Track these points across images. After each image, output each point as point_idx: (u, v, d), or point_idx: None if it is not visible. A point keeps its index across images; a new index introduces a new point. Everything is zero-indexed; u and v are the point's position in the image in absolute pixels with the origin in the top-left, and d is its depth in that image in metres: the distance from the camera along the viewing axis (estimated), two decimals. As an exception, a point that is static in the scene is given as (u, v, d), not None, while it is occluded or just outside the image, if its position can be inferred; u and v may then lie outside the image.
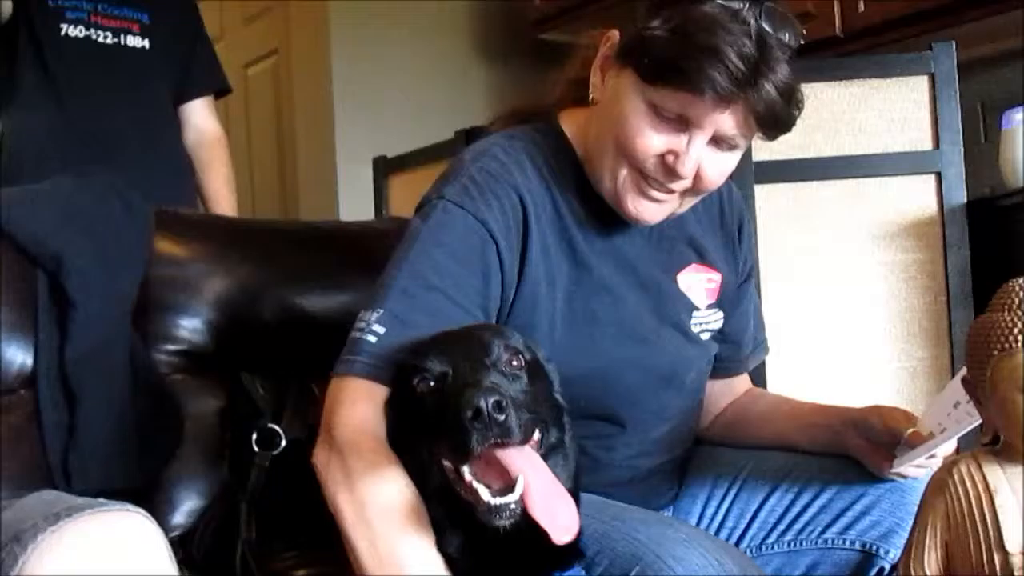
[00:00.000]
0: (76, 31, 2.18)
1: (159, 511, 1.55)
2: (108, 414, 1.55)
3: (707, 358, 1.47)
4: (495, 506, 1.02)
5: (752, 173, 2.19)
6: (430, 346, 1.15)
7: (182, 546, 1.48)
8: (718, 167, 1.28)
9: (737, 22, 1.18)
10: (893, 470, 1.31)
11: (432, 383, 1.10)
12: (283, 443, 1.46)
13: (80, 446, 1.53)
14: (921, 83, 2.24)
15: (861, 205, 2.24)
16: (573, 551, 1.16)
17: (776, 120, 1.22)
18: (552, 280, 1.32)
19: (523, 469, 1.02)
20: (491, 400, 0.99)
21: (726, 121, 1.21)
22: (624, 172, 1.29)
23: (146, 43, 2.27)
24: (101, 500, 0.94)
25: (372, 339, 1.21)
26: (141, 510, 0.94)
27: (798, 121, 1.28)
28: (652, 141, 1.24)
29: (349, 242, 1.89)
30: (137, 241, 1.70)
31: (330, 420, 1.20)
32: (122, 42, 2.25)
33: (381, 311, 1.22)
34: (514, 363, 1.12)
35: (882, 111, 2.26)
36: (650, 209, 1.31)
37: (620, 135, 1.26)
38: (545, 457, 1.10)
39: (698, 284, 1.44)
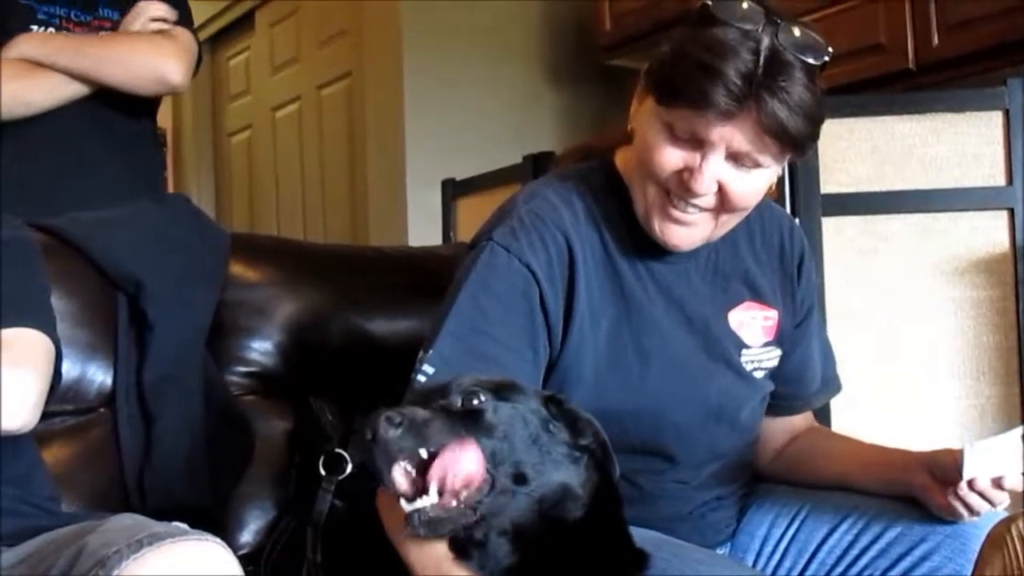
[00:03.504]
0: (49, 31, 2.08)
1: (228, 529, 1.60)
2: (183, 434, 1.60)
3: (761, 395, 1.47)
4: (408, 513, 1.07)
5: (820, 205, 2.18)
6: (413, 401, 1.20)
7: (250, 564, 1.52)
8: (744, 186, 1.28)
9: (746, 41, 1.21)
10: (965, 477, 1.27)
11: None
12: (349, 468, 1.50)
13: (155, 464, 1.58)
14: (995, 118, 2.21)
15: (931, 240, 2.21)
16: None
17: (786, 134, 1.22)
18: (597, 318, 1.34)
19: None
20: (383, 419, 1.06)
21: (735, 137, 1.23)
22: (651, 191, 1.31)
23: (116, 14, 2.15)
24: (182, 527, 0.98)
25: (422, 379, 1.27)
26: (218, 540, 0.98)
27: (869, 153, 1.28)
28: (668, 156, 1.27)
29: (415, 267, 1.93)
30: (213, 265, 1.75)
31: None
32: (98, 14, 2.14)
33: (431, 353, 1.29)
34: (474, 401, 1.14)
35: (954, 146, 2.22)
36: (678, 233, 1.33)
37: (643, 155, 1.30)
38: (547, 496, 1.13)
39: (752, 322, 1.44)
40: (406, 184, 3.51)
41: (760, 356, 1.44)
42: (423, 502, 1.06)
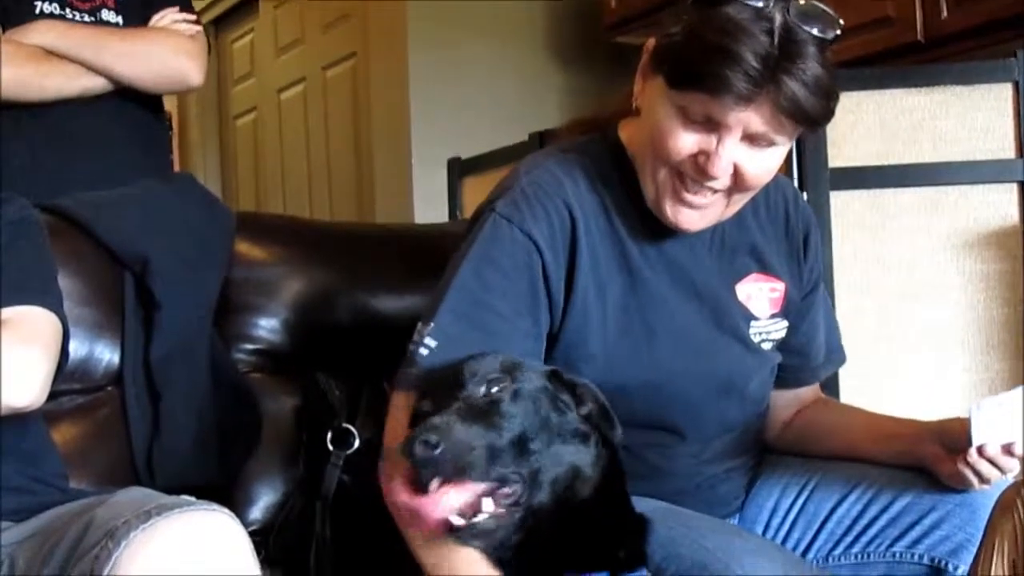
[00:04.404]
0: (51, 7, 2.08)
1: (237, 506, 1.60)
2: (191, 411, 1.61)
3: (769, 367, 1.47)
4: (461, 527, 1.08)
5: (828, 180, 2.17)
6: (426, 386, 1.21)
7: (260, 540, 1.53)
8: (759, 165, 1.27)
9: (759, 19, 1.18)
10: (974, 444, 1.26)
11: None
12: (356, 443, 1.50)
13: (163, 442, 1.58)
14: (1005, 91, 2.19)
15: (940, 214, 2.20)
16: (636, 555, 1.18)
17: (805, 114, 1.21)
18: (602, 292, 1.33)
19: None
20: (420, 440, 1.04)
21: (752, 119, 1.21)
22: (662, 175, 1.30)
23: (120, 19, 2.16)
24: (189, 499, 0.98)
25: (424, 352, 1.27)
26: (226, 510, 0.98)
27: (878, 127, 1.27)
28: (683, 141, 1.25)
29: (422, 245, 1.92)
30: (219, 243, 1.75)
31: (386, 432, 1.27)
32: (99, 19, 2.13)
33: (433, 325, 1.28)
34: (495, 389, 1.14)
35: (964, 119, 2.21)
36: (691, 216, 1.31)
37: (655, 139, 1.28)
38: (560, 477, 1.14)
39: (759, 294, 1.43)
40: (412, 163, 3.51)
41: (768, 328, 1.44)
42: (479, 518, 1.08)
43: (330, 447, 1.50)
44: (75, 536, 0.96)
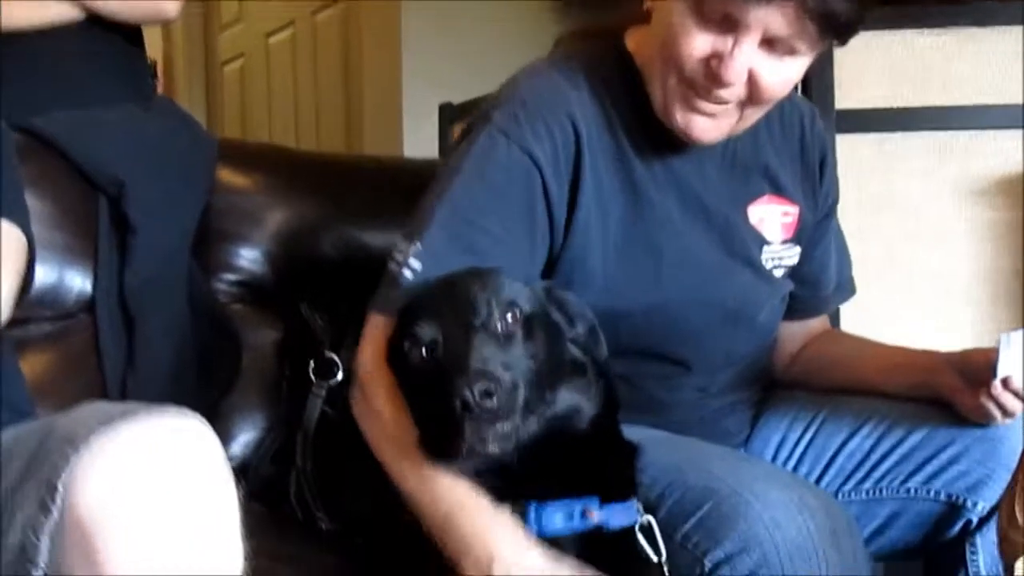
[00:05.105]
0: None
1: (217, 441, 1.54)
2: (167, 341, 1.54)
3: (780, 296, 1.40)
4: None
5: (835, 122, 2.10)
6: (419, 306, 1.12)
7: (240, 476, 1.47)
8: (776, 75, 1.18)
9: None
10: (999, 375, 1.21)
11: (423, 352, 1.08)
12: (340, 374, 1.43)
13: (138, 372, 1.52)
14: (1017, 34, 2.13)
15: (949, 159, 2.15)
16: (626, 484, 1.12)
17: (832, 17, 1.12)
18: (605, 210, 1.26)
19: None
20: (478, 389, 0.96)
21: (774, 19, 1.12)
22: (672, 81, 1.21)
23: None
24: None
25: (408, 275, 1.18)
26: (197, 414, 0.90)
27: (887, 68, 1.19)
28: (697, 42, 1.16)
29: (411, 178, 1.84)
30: (200, 169, 1.68)
31: (359, 355, 1.20)
32: None
33: (419, 246, 1.19)
34: (509, 318, 1.07)
35: (975, 62, 2.15)
36: (701, 124, 1.22)
37: (666, 42, 1.19)
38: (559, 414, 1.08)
39: (772, 217, 1.36)
40: (402, 109, 3.43)
41: (781, 253, 1.37)
42: None
43: (312, 377, 1.43)
44: (34, 445, 0.88)
